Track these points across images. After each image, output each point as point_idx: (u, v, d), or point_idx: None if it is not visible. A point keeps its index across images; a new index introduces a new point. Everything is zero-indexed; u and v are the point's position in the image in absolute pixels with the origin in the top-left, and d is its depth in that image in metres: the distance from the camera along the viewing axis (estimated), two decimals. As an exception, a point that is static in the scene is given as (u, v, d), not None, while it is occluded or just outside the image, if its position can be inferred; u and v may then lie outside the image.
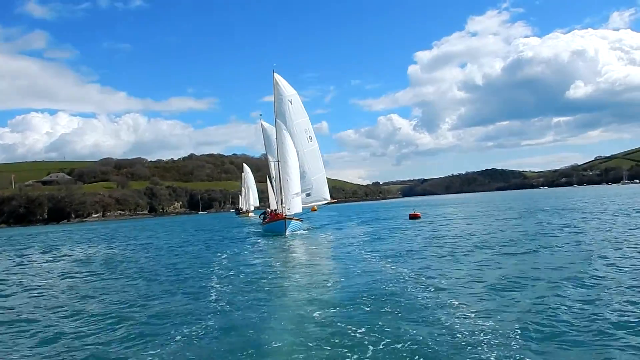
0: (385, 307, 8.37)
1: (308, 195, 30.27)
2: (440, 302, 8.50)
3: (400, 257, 14.88)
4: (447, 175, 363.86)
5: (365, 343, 6.49)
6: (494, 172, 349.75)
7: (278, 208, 31.19)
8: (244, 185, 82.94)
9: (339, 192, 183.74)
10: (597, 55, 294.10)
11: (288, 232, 26.08)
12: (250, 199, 78.74)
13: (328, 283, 11.25)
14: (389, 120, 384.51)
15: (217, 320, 8.13)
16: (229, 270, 14.29)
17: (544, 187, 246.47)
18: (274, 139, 31.17)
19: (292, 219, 26.95)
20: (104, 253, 24.10)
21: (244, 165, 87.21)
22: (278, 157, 28.88)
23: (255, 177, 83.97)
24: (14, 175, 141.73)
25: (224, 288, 11.28)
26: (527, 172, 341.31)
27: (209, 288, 11.34)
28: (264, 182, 53.14)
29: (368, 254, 16.01)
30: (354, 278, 11.54)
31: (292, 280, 11.97)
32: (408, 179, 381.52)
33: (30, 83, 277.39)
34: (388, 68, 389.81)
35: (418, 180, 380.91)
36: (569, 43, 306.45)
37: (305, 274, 12.81)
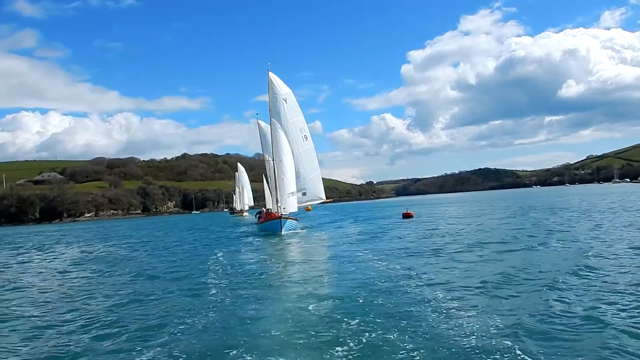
0: (378, 300, 8.72)
1: (304, 195, 30.41)
2: (431, 296, 8.83)
3: (393, 254, 15.22)
4: (440, 175, 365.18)
5: (359, 333, 6.81)
6: (487, 171, 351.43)
7: (273, 207, 31.36)
8: (239, 185, 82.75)
9: (333, 191, 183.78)
10: (588, 55, 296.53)
11: (284, 231, 26.27)
12: (245, 199, 78.75)
13: (323, 279, 11.62)
14: (383, 120, 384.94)
15: (214, 315, 8.38)
16: (226, 267, 14.56)
17: (537, 186, 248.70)
18: (270, 138, 31.31)
19: (287, 218, 27.15)
20: (100, 251, 24.21)
21: (239, 165, 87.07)
22: (273, 156, 29.05)
23: (249, 176, 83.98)
24: (5, 175, 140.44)
25: (222, 283, 11.57)
26: (519, 171, 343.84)
27: (207, 284, 11.60)
28: (258, 181, 53.22)
29: (361, 252, 16.34)
30: (348, 274, 11.87)
31: (287, 277, 12.29)
32: (402, 179, 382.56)
33: (21, 82, 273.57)
34: (381, 67, 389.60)
35: (412, 180, 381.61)
36: (561, 42, 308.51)
37: (301, 271, 13.15)
